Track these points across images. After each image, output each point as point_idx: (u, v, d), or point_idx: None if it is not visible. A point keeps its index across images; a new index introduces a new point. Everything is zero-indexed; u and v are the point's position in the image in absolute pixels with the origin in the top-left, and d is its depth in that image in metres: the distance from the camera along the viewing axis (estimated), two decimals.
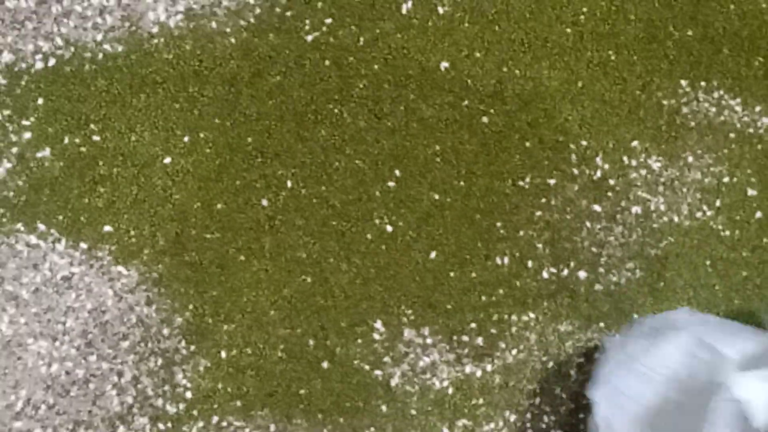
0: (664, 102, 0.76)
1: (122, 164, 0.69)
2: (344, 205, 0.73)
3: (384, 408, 0.75)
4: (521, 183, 0.76)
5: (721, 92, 0.77)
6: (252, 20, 0.70)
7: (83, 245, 0.68)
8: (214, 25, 0.69)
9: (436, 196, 0.74)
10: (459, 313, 0.75)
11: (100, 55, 0.69)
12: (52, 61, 0.67)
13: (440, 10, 0.73)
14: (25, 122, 0.67)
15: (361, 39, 0.72)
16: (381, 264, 0.74)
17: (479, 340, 0.74)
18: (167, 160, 0.69)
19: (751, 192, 0.75)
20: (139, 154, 0.69)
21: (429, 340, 0.76)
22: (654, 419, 0.67)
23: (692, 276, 0.73)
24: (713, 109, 0.76)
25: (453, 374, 0.75)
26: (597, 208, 0.76)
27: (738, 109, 0.76)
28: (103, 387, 0.69)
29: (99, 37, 0.69)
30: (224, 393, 0.71)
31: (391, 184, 0.73)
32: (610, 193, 0.75)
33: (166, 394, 0.70)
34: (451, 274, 0.75)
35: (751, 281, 0.74)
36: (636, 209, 0.75)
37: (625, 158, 0.75)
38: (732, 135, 0.76)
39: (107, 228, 0.68)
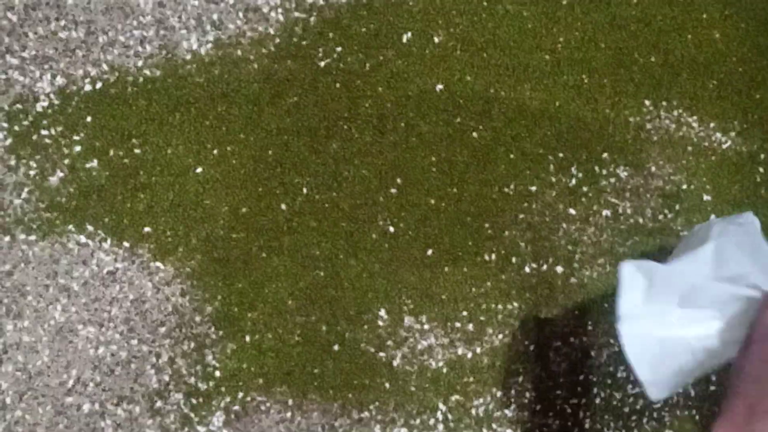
0: (630, 119, 0.81)
1: (159, 173, 0.73)
2: (352, 209, 0.77)
3: (387, 385, 0.78)
4: (506, 189, 0.79)
5: (680, 111, 0.82)
6: (272, 48, 0.75)
7: (126, 244, 0.73)
8: (239, 52, 0.74)
9: (432, 201, 0.78)
10: (452, 302, 0.79)
11: (141, 79, 0.73)
12: (99, 84, 0.72)
13: (436, 39, 0.78)
14: (75, 137, 0.72)
15: (367, 65, 0.77)
16: (384, 260, 0.78)
17: (470, 326, 0.78)
18: (199, 170, 0.73)
19: (706, 197, 0.81)
20: (174, 165, 0.74)
21: (426, 326, 0.79)
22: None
23: None
24: (673, 125, 0.82)
25: (447, 356, 0.79)
26: (572, 211, 0.80)
27: (695, 125, 0.82)
28: (143, 367, 0.73)
29: (140, 64, 0.74)
30: (248, 372, 0.75)
31: (393, 190, 0.77)
32: (583, 199, 0.80)
33: (198, 373, 0.74)
34: (446, 269, 0.79)
35: None
36: (606, 212, 0.80)
37: (596, 168, 0.79)
38: (689, 148, 0.81)
39: (147, 229, 0.73)
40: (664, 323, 0.62)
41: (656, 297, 0.62)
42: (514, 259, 0.82)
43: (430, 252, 0.80)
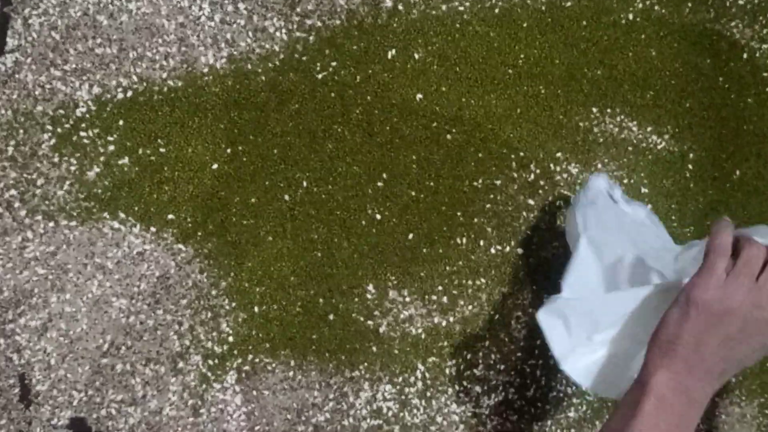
0: (580, 124, 0.87)
1: (181, 169, 0.78)
2: (345, 200, 0.83)
3: (374, 348, 0.84)
4: (475, 183, 0.85)
5: (622, 117, 0.89)
6: (277, 63, 0.80)
7: (152, 229, 0.78)
8: (249, 66, 0.79)
9: (413, 193, 0.84)
10: (429, 279, 0.85)
11: (165, 89, 0.78)
12: (129, 93, 0.77)
13: (416, 56, 0.83)
14: (109, 138, 0.77)
15: (358, 77, 0.82)
16: (372, 243, 0.84)
17: (444, 299, 0.85)
18: (215, 166, 0.78)
19: (643, 190, 0.88)
20: (193, 162, 0.79)
21: (407, 299, 0.85)
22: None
23: None
24: (616, 129, 0.88)
25: (425, 324, 0.85)
26: (531, 201, 0.86)
27: (634, 129, 0.88)
28: (167, 333, 0.79)
29: (164, 75, 0.78)
30: (257, 338, 0.81)
31: (379, 184, 0.83)
32: (540, 191, 0.87)
33: (214, 338, 0.80)
34: (424, 250, 0.84)
35: None
36: (560, 202, 0.87)
37: (551, 165, 0.86)
38: (630, 148, 0.88)
39: (170, 216, 0.78)
40: (597, 345, 0.65)
41: (576, 329, 0.65)
42: (481, 242, 0.86)
43: (410, 236, 0.84)
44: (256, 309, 0.82)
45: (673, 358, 0.57)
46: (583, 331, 0.64)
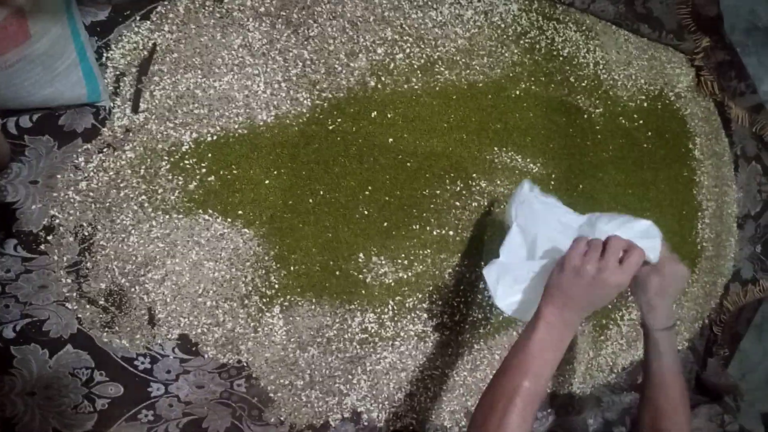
0: (487, 156, 1.12)
1: (246, 183, 0.95)
2: (346, 202, 1.01)
3: (363, 292, 1.04)
4: (424, 192, 1.08)
5: (512, 152, 1.12)
6: (304, 119, 0.98)
7: (229, 219, 0.94)
8: (287, 121, 0.96)
9: (387, 198, 1.04)
10: (397, 250, 1.06)
11: (236, 134, 0.93)
12: (215, 137, 0.91)
13: (389, 115, 1.04)
14: (202, 164, 0.93)
15: (353, 128, 1.01)
16: (363, 228, 1.03)
17: (405, 262, 1.07)
18: (267, 182, 0.96)
19: None
20: (253, 179, 0.95)
21: (383, 262, 1.05)
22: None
23: None
24: (508, 160, 1.12)
25: (394, 277, 1.07)
26: (457, 203, 1.11)
27: (519, 159, 1.13)
28: (238, 283, 0.95)
29: (236, 126, 0.92)
30: (292, 285, 0.99)
31: (366, 192, 1.03)
32: (463, 197, 1.11)
33: (266, 285, 0.97)
34: (393, 232, 1.05)
35: None
36: (475, 204, 1.11)
37: (469, 181, 1.11)
38: (516, 171, 1.12)
39: (239, 212, 0.95)
40: (517, 291, 0.82)
41: (505, 279, 0.82)
42: (427, 228, 1.08)
43: (385, 224, 1.05)
44: (292, 268, 0.98)
45: (555, 298, 0.72)
46: (510, 281, 0.83)
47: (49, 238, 0.91)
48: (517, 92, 1.16)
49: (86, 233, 0.92)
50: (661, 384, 0.83)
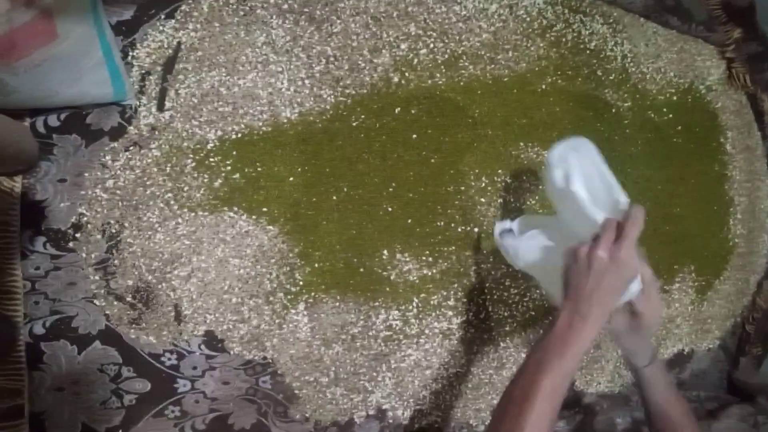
0: (513, 152, 1.12)
1: (271, 180, 0.95)
2: (370, 199, 1.01)
3: (387, 289, 1.04)
4: (448, 189, 1.08)
5: (538, 148, 1.11)
6: (328, 116, 0.98)
7: (253, 217, 0.94)
8: (311, 118, 0.96)
9: (410, 195, 1.04)
10: (420, 247, 1.05)
11: (261, 132, 0.95)
12: (240, 135, 0.94)
13: (412, 111, 1.03)
14: (227, 162, 0.93)
15: (377, 124, 1.01)
16: (386, 224, 1.02)
17: (430, 259, 1.06)
18: (291, 179, 0.96)
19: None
20: (278, 176, 0.96)
21: (408, 259, 1.05)
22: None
23: None
24: (534, 155, 1.12)
25: (418, 273, 1.07)
26: (483, 200, 1.10)
27: (545, 154, 1.03)
28: (263, 279, 0.96)
29: (260, 124, 0.92)
30: (317, 282, 0.99)
31: (390, 189, 1.02)
32: (488, 193, 1.11)
33: (291, 282, 0.98)
34: (417, 229, 1.04)
35: None
36: (500, 200, 1.12)
37: (495, 177, 1.11)
38: (542, 167, 1.03)
39: (264, 209, 0.95)
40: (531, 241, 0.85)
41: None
42: (452, 224, 1.08)
43: (409, 221, 1.04)
44: (316, 265, 0.99)
45: (570, 292, 0.72)
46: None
47: (77, 235, 0.93)
48: (543, 86, 1.15)
49: (113, 231, 0.94)
50: (661, 413, 0.85)
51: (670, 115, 1.28)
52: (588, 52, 1.22)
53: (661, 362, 0.87)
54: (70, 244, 0.92)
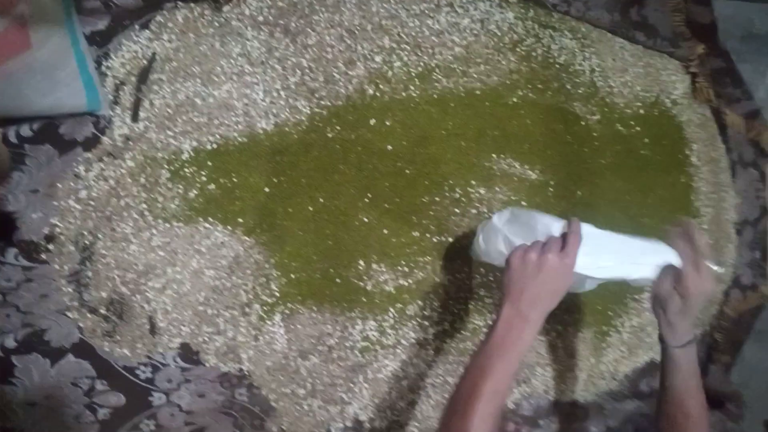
0: (485, 164, 1.13)
1: (246, 191, 0.96)
2: (346, 209, 1.02)
3: (364, 299, 1.04)
4: (423, 200, 1.08)
5: (510, 159, 1.13)
6: (303, 127, 1.00)
7: (229, 227, 0.95)
8: (286, 129, 0.99)
9: (386, 205, 1.05)
10: (397, 257, 1.06)
11: (236, 143, 0.96)
12: (215, 145, 0.95)
13: (387, 123, 1.05)
14: (202, 173, 0.94)
15: (353, 135, 1.02)
16: (362, 235, 1.03)
17: (405, 269, 1.07)
18: (266, 189, 0.97)
19: (523, 203, 1.13)
20: (253, 187, 0.97)
21: (384, 269, 1.06)
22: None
23: None
24: (506, 167, 1.12)
25: (394, 284, 1.07)
26: (457, 210, 1.10)
27: (517, 166, 1.13)
28: (239, 291, 0.97)
29: (236, 134, 0.93)
30: (293, 293, 1.00)
31: (366, 200, 1.03)
32: (461, 203, 1.11)
33: (266, 293, 0.98)
34: (393, 240, 1.05)
35: None
36: (474, 211, 1.12)
37: (468, 188, 1.11)
38: (515, 178, 1.12)
39: (240, 219, 0.96)
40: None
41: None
42: (427, 235, 1.08)
43: (385, 231, 1.05)
44: (292, 276, 0.99)
45: (509, 295, 0.74)
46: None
47: (50, 247, 0.92)
48: (515, 99, 1.17)
49: (87, 242, 0.93)
50: (679, 401, 0.82)
51: (638, 128, 1.30)
52: (557, 66, 1.24)
53: (693, 348, 0.84)
54: (43, 256, 0.91)
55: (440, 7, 1.14)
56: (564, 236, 0.75)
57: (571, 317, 1.23)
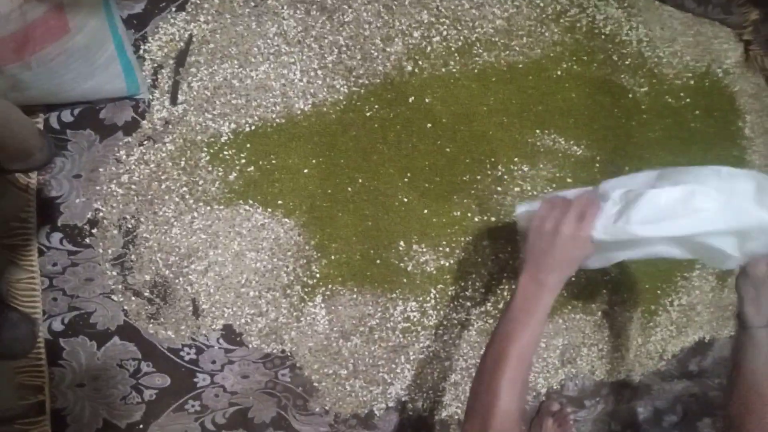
0: (529, 140, 1.11)
1: (285, 173, 0.96)
2: (385, 189, 1.02)
3: (404, 280, 1.04)
4: (464, 178, 1.06)
5: (555, 135, 1.12)
6: (341, 107, 1.00)
7: (269, 209, 0.96)
8: (324, 109, 0.98)
9: (426, 185, 1.04)
10: (437, 237, 1.05)
11: (275, 124, 0.96)
12: (253, 127, 0.95)
13: (427, 100, 1.01)
14: (242, 155, 0.95)
15: (391, 114, 1.02)
16: (402, 215, 1.03)
17: (447, 249, 1.07)
18: (306, 171, 0.98)
19: (569, 180, 1.11)
20: (292, 168, 0.97)
21: (424, 249, 1.05)
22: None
23: None
24: (551, 143, 1.11)
25: (435, 264, 1.06)
26: (499, 188, 1.10)
27: (562, 142, 1.12)
28: (280, 272, 0.97)
29: (274, 116, 0.93)
30: (333, 275, 1.00)
31: (405, 179, 1.03)
32: (504, 182, 1.10)
33: (307, 274, 0.99)
34: (434, 219, 1.05)
35: None
36: (517, 189, 1.11)
37: (511, 166, 1.10)
38: (560, 155, 1.11)
39: (279, 201, 0.96)
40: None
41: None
42: (469, 214, 1.08)
43: (425, 211, 1.05)
44: (333, 257, 1.01)
45: (527, 263, 0.76)
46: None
47: (94, 231, 0.93)
48: (559, 72, 1.14)
49: (130, 225, 0.94)
50: (755, 386, 0.78)
51: (688, 100, 1.26)
52: (603, 36, 1.21)
53: None
54: (87, 240, 0.92)
55: None
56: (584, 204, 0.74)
57: (618, 296, 1.20)
